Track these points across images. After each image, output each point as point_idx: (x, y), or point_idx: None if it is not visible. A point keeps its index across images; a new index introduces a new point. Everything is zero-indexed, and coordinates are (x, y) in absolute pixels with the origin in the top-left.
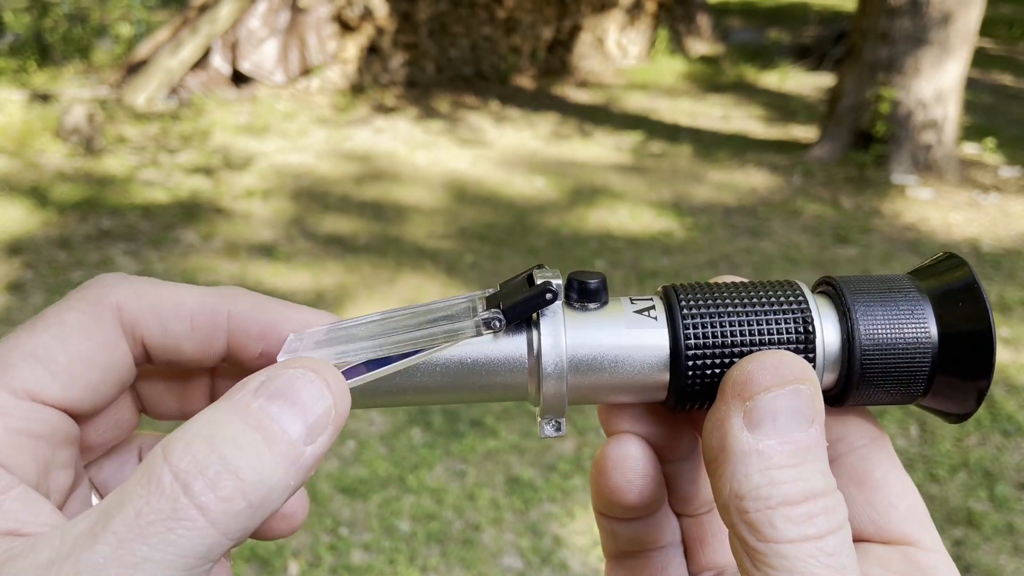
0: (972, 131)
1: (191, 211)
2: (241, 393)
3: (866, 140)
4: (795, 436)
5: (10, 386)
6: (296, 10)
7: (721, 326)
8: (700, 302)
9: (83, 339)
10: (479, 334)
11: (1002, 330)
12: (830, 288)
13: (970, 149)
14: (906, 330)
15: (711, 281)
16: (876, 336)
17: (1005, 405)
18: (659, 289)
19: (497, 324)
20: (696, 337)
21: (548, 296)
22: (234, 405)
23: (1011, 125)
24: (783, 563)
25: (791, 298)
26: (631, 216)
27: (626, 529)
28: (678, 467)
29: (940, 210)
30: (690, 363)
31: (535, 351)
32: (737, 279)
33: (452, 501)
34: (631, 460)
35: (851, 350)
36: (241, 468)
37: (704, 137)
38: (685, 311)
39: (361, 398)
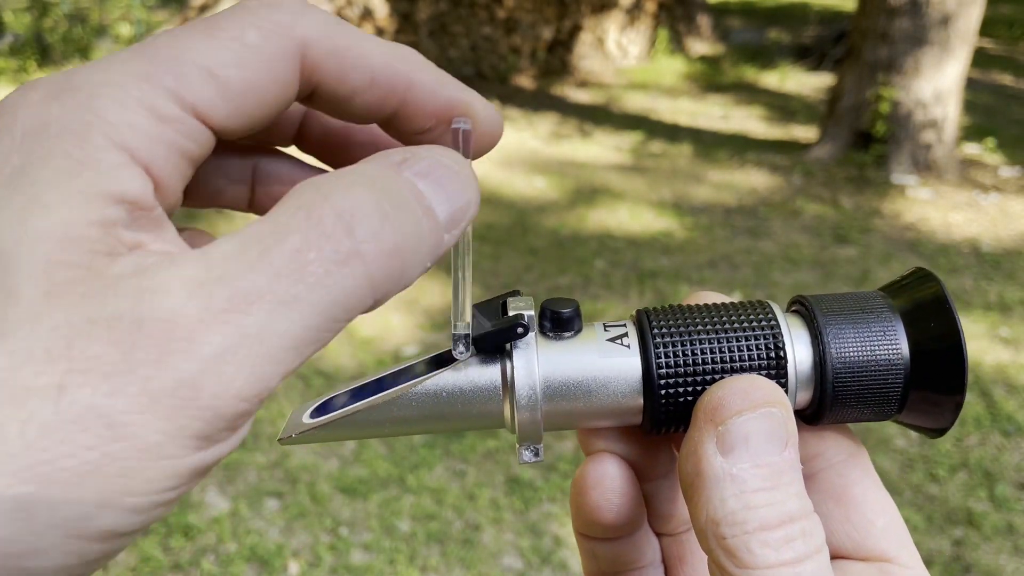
0: (972, 131)
1: (191, 211)
2: (386, 161)
3: (866, 140)
4: (769, 459)
5: (179, 96)
6: None
7: (692, 351)
8: (672, 327)
9: (261, 68)
10: (450, 359)
11: (1002, 330)
12: (802, 308)
13: (970, 149)
14: (877, 350)
15: (684, 303)
16: (847, 357)
17: (1005, 405)
18: (633, 313)
19: (462, 350)
20: (668, 364)
21: (519, 331)
22: (386, 168)
23: (1011, 125)
24: None
25: (762, 320)
26: (631, 216)
27: (606, 549)
28: (657, 486)
29: (940, 210)
30: (663, 390)
31: (508, 381)
32: (714, 297)
33: (452, 501)
34: (609, 479)
35: (823, 371)
36: (402, 226)
37: (704, 137)
38: (657, 338)
39: (341, 430)
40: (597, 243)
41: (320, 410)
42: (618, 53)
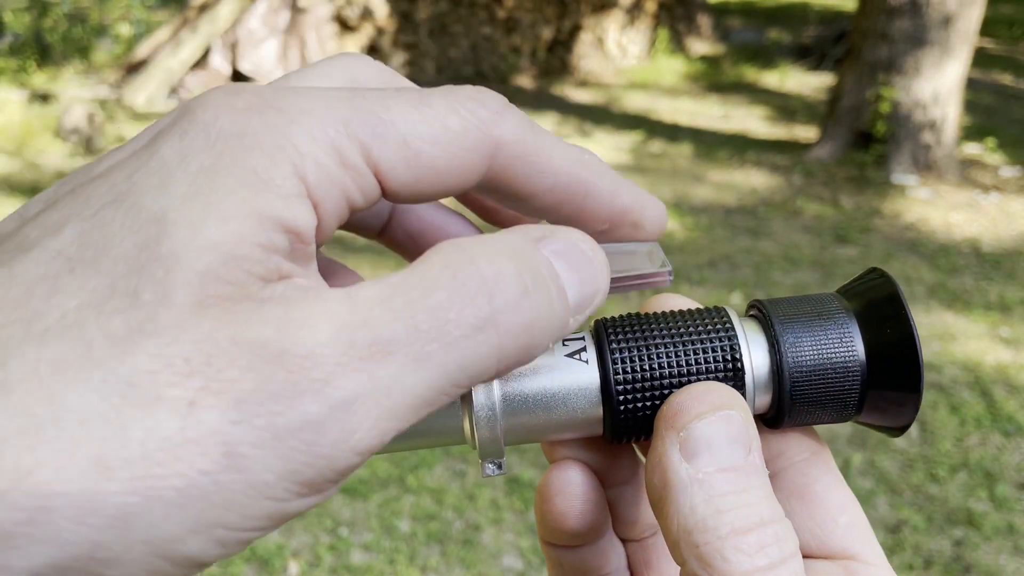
0: (972, 131)
1: None
2: (527, 236)
3: (866, 140)
4: (734, 462)
5: (368, 151)
6: (296, 10)
7: (649, 363)
8: (628, 339)
9: (453, 153)
10: None
11: (1002, 330)
12: (759, 313)
13: (970, 149)
14: (833, 354)
15: (644, 311)
16: (804, 362)
17: (1005, 405)
18: (590, 327)
19: None
20: (625, 379)
21: None
22: (527, 242)
23: (1011, 125)
24: None
25: (719, 327)
26: None
27: (571, 557)
28: (620, 491)
29: (940, 210)
30: (621, 404)
31: (467, 399)
32: (676, 301)
33: (452, 501)
34: (573, 486)
35: (780, 377)
36: (538, 303)
37: (704, 137)
38: (615, 352)
39: None
40: None
41: None
42: (618, 53)
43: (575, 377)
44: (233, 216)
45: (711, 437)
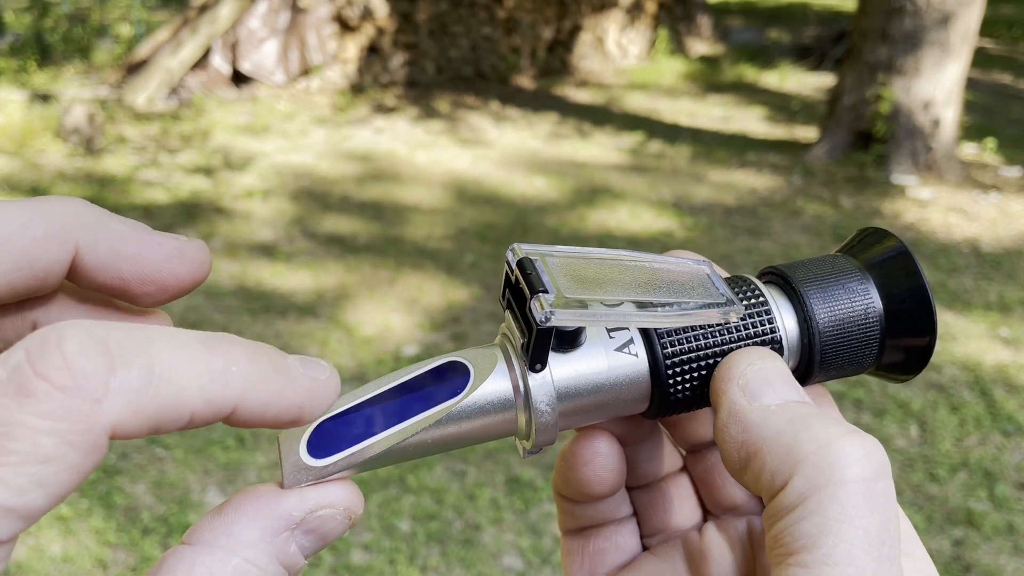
0: (972, 131)
1: (191, 211)
2: (282, 526)
3: (866, 140)
4: (795, 396)
5: None
6: (296, 10)
7: (696, 341)
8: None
9: (68, 477)
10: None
11: (1002, 330)
12: (777, 278)
13: (970, 149)
14: (855, 308)
15: None
16: (831, 319)
17: (1005, 405)
18: None
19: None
20: (674, 362)
21: (537, 367)
22: (275, 543)
23: (1011, 125)
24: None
25: (751, 299)
26: (631, 216)
27: (585, 508)
28: (637, 449)
29: (940, 210)
30: (671, 385)
31: (524, 397)
32: (688, 256)
33: (452, 501)
34: (601, 456)
35: (811, 336)
36: None
37: (704, 137)
38: (664, 343)
39: (350, 466)
40: (597, 243)
41: (316, 443)
42: (618, 53)
43: (626, 371)
44: None
45: (767, 377)
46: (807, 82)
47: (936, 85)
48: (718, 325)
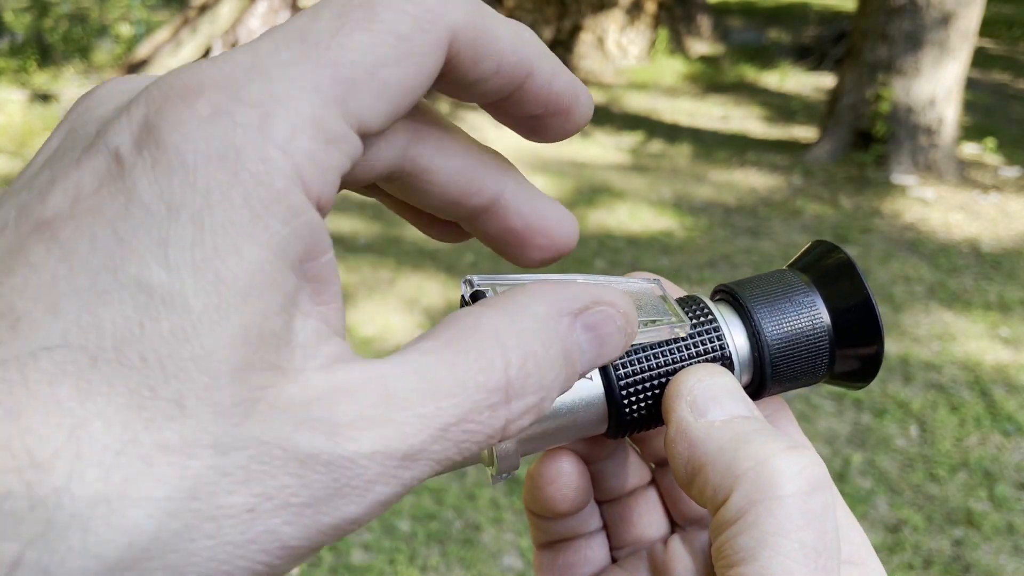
0: (972, 131)
1: None
2: (567, 307)
3: (866, 140)
4: (742, 411)
5: (347, 110)
6: (296, 10)
7: (648, 361)
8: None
9: (413, 63)
10: None
11: (1002, 330)
12: (727, 296)
13: (970, 149)
14: (803, 323)
15: None
16: (779, 335)
17: (1005, 405)
18: None
19: None
20: (628, 382)
21: None
22: (560, 323)
23: (1011, 125)
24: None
25: (700, 317)
26: (631, 216)
27: (555, 524)
28: (603, 465)
29: (940, 210)
30: (626, 406)
31: None
32: (642, 282)
33: (452, 501)
34: (564, 476)
35: (760, 351)
36: (548, 396)
37: (704, 137)
38: (617, 365)
39: None
40: (597, 243)
41: None
42: (618, 53)
43: (582, 395)
44: (247, 292)
45: (714, 393)
46: (807, 82)
47: (936, 85)
48: (668, 343)
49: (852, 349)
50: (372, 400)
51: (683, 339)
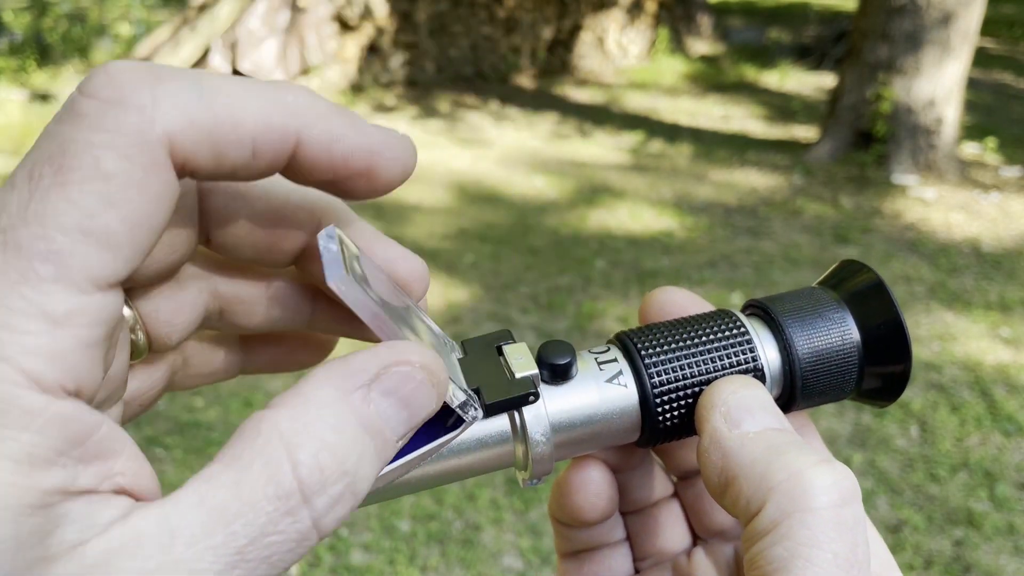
0: (972, 131)
1: None
2: (355, 382)
3: (866, 140)
4: (775, 424)
5: (72, 278)
6: (296, 9)
7: (682, 371)
8: (659, 358)
9: (137, 196)
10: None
11: (1002, 330)
12: (760, 311)
13: (970, 149)
14: (833, 339)
15: (645, 307)
16: (811, 351)
17: (1005, 405)
18: (614, 340)
19: (474, 414)
20: (662, 392)
21: (531, 399)
22: (351, 401)
23: (1011, 125)
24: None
25: (734, 331)
26: (631, 216)
27: (580, 533)
28: (629, 476)
29: (940, 210)
30: (659, 414)
31: (519, 431)
32: (678, 296)
33: (452, 501)
34: (593, 484)
35: (791, 365)
36: (358, 478)
37: (704, 137)
38: (654, 377)
39: (365, 501)
40: (597, 243)
41: None
42: (618, 53)
43: (617, 403)
44: None
45: (748, 404)
46: (807, 82)
47: (936, 85)
48: (704, 355)
49: (880, 367)
50: (156, 548)
51: (716, 351)
